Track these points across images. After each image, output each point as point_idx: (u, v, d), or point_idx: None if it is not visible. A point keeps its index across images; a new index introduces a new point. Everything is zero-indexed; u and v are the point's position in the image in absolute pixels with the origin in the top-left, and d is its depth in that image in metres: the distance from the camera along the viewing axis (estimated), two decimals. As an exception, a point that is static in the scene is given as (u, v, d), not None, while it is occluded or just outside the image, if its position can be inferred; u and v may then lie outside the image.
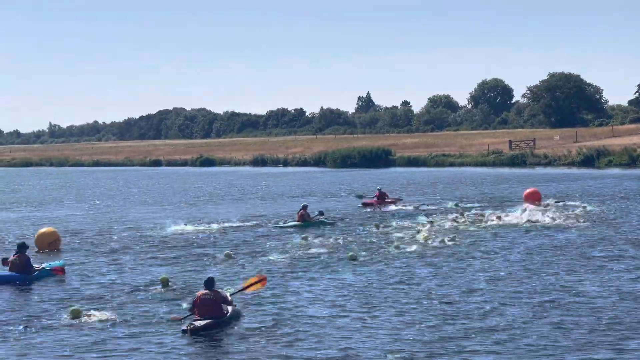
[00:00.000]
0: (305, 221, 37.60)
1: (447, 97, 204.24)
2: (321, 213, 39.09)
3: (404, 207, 44.81)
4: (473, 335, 17.10)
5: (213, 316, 18.47)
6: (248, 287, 20.34)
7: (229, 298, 19.28)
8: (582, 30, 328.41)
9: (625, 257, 26.35)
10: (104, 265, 27.64)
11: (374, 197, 47.92)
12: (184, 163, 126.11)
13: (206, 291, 18.86)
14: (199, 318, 18.42)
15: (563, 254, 27.10)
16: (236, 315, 19.07)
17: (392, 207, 44.85)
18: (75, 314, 19.44)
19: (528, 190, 45.66)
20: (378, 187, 50.00)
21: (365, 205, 46.78)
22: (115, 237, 35.10)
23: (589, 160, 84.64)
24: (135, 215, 45.28)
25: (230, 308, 18.99)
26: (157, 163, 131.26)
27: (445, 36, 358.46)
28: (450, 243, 30.17)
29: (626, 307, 19.31)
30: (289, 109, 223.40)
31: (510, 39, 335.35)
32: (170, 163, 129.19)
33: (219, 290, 19.52)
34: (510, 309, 19.39)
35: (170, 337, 17.74)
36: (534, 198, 43.63)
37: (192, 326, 17.85)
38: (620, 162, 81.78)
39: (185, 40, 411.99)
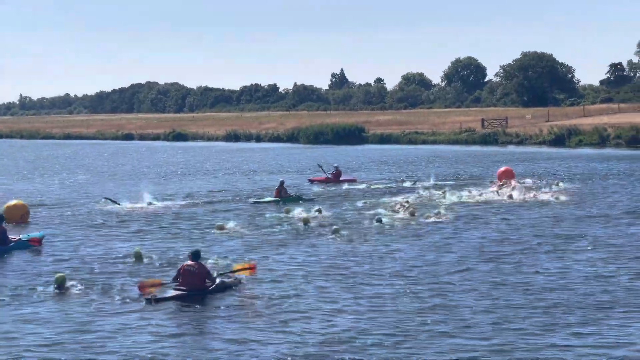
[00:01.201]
0: (283, 197, 37.79)
1: (420, 75, 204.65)
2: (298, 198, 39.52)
3: (357, 187, 44.29)
4: (442, 312, 17.42)
5: (194, 288, 18.83)
6: (237, 271, 20.55)
7: (214, 274, 19.61)
8: (555, 10, 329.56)
9: (590, 236, 26.75)
10: (77, 238, 27.75)
11: (329, 175, 47.48)
12: (157, 137, 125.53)
13: (191, 262, 19.23)
14: (180, 287, 18.81)
15: (533, 232, 27.50)
16: (221, 290, 19.38)
17: (345, 187, 44.34)
18: (60, 281, 19.60)
19: (502, 169, 45.95)
20: (335, 165, 49.68)
21: (313, 181, 46.06)
22: (89, 211, 35.10)
23: (560, 139, 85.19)
24: (108, 189, 45.21)
25: (218, 281, 19.41)
26: (129, 137, 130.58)
27: (419, 14, 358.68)
28: (433, 219, 30.56)
29: (590, 288, 19.66)
30: (263, 85, 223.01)
31: (485, 18, 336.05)
32: (143, 137, 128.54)
33: (204, 263, 19.84)
34: (477, 285, 19.73)
35: (142, 308, 18.07)
36: (508, 176, 43.93)
37: (155, 296, 18.30)
38: (591, 141, 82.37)
39: (158, 14, 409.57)
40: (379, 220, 29.85)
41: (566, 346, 14.92)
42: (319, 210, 32.86)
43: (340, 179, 47.02)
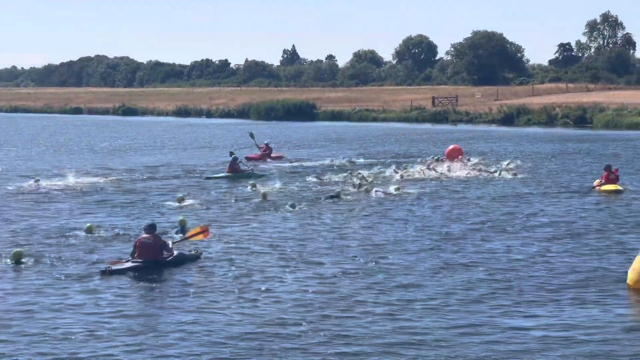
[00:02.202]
0: (236, 172, 37.77)
1: (372, 52, 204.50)
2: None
3: (289, 164, 44.24)
4: (390, 292, 17.57)
5: (151, 260, 19.13)
6: (190, 237, 20.83)
7: (170, 245, 19.92)
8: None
9: (536, 214, 27.08)
10: (25, 212, 27.48)
11: (260, 149, 47.23)
12: (106, 112, 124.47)
13: (146, 235, 19.47)
14: (136, 260, 19.10)
15: (480, 211, 27.77)
16: (179, 262, 19.64)
17: (275, 164, 44.21)
18: (17, 256, 19.57)
19: (450, 147, 46.22)
20: (265, 142, 49.35)
21: (249, 159, 45.75)
22: (39, 185, 34.72)
23: (509, 118, 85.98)
24: (57, 163, 44.77)
25: (176, 252, 19.72)
26: (77, 111, 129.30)
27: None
28: (385, 196, 30.83)
29: (536, 267, 19.92)
30: (214, 60, 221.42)
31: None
32: (92, 111, 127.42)
33: (159, 235, 20.09)
34: (421, 264, 19.91)
35: (97, 281, 18.20)
36: (456, 154, 44.22)
37: (110, 268, 18.61)
38: (539, 120, 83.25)
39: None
40: (336, 196, 30.09)
41: (519, 328, 15.09)
42: (275, 186, 33.21)
43: (271, 155, 46.83)
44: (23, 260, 19.67)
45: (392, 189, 31.99)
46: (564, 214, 26.75)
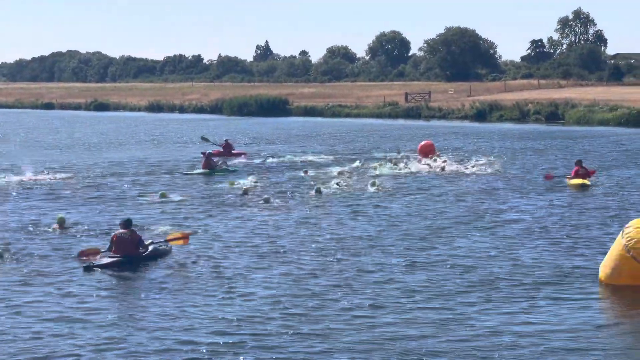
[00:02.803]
0: (211, 168, 37.76)
1: (345, 48, 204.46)
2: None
3: (248, 161, 43.97)
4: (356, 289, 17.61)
5: (128, 254, 19.31)
6: (170, 240, 20.93)
7: (147, 241, 20.12)
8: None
9: (507, 210, 27.24)
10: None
11: (219, 147, 46.77)
12: (78, 107, 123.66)
13: (123, 230, 19.66)
14: (114, 255, 19.28)
15: (450, 206, 27.91)
16: (154, 256, 19.87)
17: (236, 160, 43.84)
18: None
19: (423, 143, 46.30)
20: (225, 138, 48.86)
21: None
22: (9, 179, 34.52)
23: (482, 114, 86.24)
24: (30, 158, 44.50)
25: (151, 247, 19.94)
26: (49, 106, 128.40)
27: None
28: (371, 190, 31.19)
29: (504, 264, 20.04)
30: (187, 56, 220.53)
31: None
32: (64, 106, 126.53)
33: (135, 230, 20.24)
34: (393, 261, 19.99)
35: (75, 277, 18.31)
36: (429, 150, 44.34)
37: (92, 263, 18.83)
38: (511, 117, 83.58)
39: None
40: (318, 191, 30.36)
41: (490, 324, 15.19)
42: (256, 181, 33.51)
43: (232, 152, 46.39)
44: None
45: (369, 184, 32.12)
46: (535, 210, 26.94)
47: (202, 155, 44.88)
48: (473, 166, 39.26)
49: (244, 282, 17.80)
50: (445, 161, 40.87)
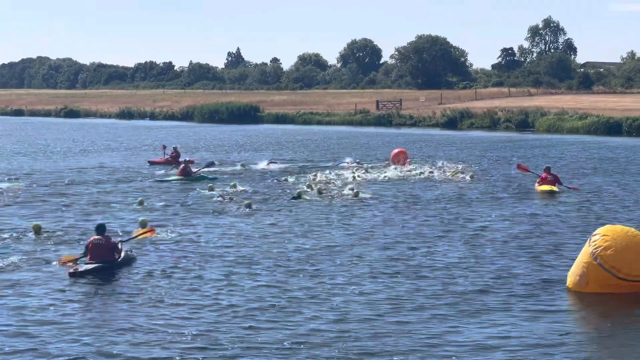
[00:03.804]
0: (188, 175, 37.62)
1: (316, 55, 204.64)
2: (211, 164, 40.20)
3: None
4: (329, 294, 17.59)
5: (104, 260, 19.44)
6: (137, 236, 21.37)
7: (119, 245, 20.21)
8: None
9: (477, 219, 27.32)
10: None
11: (168, 156, 45.98)
12: (48, 113, 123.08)
13: (98, 237, 19.81)
14: (90, 262, 19.39)
15: (419, 214, 27.96)
16: (128, 261, 20.05)
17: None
18: None
19: (395, 150, 46.36)
20: (174, 146, 48.17)
21: (152, 163, 45.23)
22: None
23: (453, 122, 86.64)
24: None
25: (122, 254, 20.00)
26: (19, 112, 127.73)
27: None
28: (349, 197, 31.38)
29: (475, 272, 20.10)
30: (158, 63, 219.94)
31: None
32: (33, 113, 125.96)
33: (110, 236, 20.35)
34: (363, 270, 19.99)
35: (57, 281, 18.48)
36: (401, 158, 44.42)
37: (77, 269, 18.96)
38: (482, 124, 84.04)
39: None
40: (298, 197, 30.75)
41: (457, 333, 15.20)
42: (234, 185, 33.64)
43: (180, 160, 44.91)
44: None
45: (348, 190, 32.31)
46: (504, 218, 27.01)
47: (169, 157, 44.96)
48: (443, 174, 39.39)
49: (220, 287, 17.80)
50: (415, 168, 41.03)
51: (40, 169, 42.52)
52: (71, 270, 18.99)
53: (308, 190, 32.68)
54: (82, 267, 19.15)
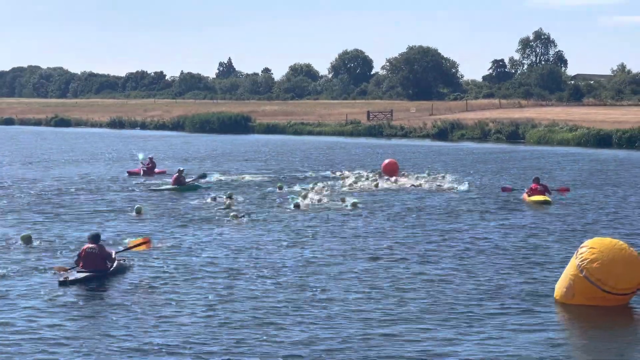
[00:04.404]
0: (181, 184, 37.69)
1: (308, 65, 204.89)
2: (203, 176, 39.97)
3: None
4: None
5: (97, 269, 19.48)
6: (133, 247, 21.27)
7: (113, 255, 20.22)
8: (441, 5, 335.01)
9: (466, 230, 27.40)
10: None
11: (144, 167, 45.77)
12: (38, 122, 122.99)
13: (92, 245, 19.84)
14: (82, 270, 19.43)
15: (407, 225, 28.02)
16: (121, 270, 20.08)
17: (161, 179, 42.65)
18: None
19: (386, 161, 46.42)
20: (150, 156, 48.13)
21: (130, 174, 45.04)
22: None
23: (443, 132, 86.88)
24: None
25: (115, 263, 20.01)
26: (9, 121, 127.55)
27: (308, 4, 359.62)
28: (345, 207, 31.68)
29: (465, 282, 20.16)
30: (149, 72, 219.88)
31: (373, 10, 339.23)
32: (24, 122, 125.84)
33: (103, 245, 20.42)
34: (351, 281, 20.04)
35: (46, 290, 18.54)
36: (392, 168, 44.49)
37: (67, 278, 18.95)
38: (473, 135, 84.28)
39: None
40: (297, 206, 31.06)
41: (446, 344, 15.25)
42: (230, 196, 33.70)
43: (155, 171, 45.54)
44: None
45: (339, 201, 32.74)
46: (493, 229, 27.10)
47: (146, 168, 44.95)
48: (434, 185, 39.52)
49: (210, 301, 17.76)
50: (405, 180, 41.17)
51: (32, 178, 42.44)
52: (61, 279, 18.97)
53: (300, 200, 32.73)
54: (73, 276, 19.15)
